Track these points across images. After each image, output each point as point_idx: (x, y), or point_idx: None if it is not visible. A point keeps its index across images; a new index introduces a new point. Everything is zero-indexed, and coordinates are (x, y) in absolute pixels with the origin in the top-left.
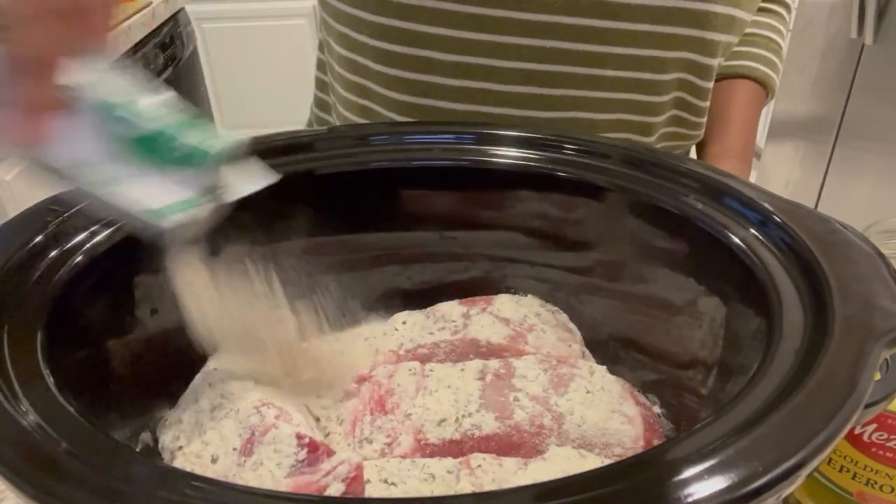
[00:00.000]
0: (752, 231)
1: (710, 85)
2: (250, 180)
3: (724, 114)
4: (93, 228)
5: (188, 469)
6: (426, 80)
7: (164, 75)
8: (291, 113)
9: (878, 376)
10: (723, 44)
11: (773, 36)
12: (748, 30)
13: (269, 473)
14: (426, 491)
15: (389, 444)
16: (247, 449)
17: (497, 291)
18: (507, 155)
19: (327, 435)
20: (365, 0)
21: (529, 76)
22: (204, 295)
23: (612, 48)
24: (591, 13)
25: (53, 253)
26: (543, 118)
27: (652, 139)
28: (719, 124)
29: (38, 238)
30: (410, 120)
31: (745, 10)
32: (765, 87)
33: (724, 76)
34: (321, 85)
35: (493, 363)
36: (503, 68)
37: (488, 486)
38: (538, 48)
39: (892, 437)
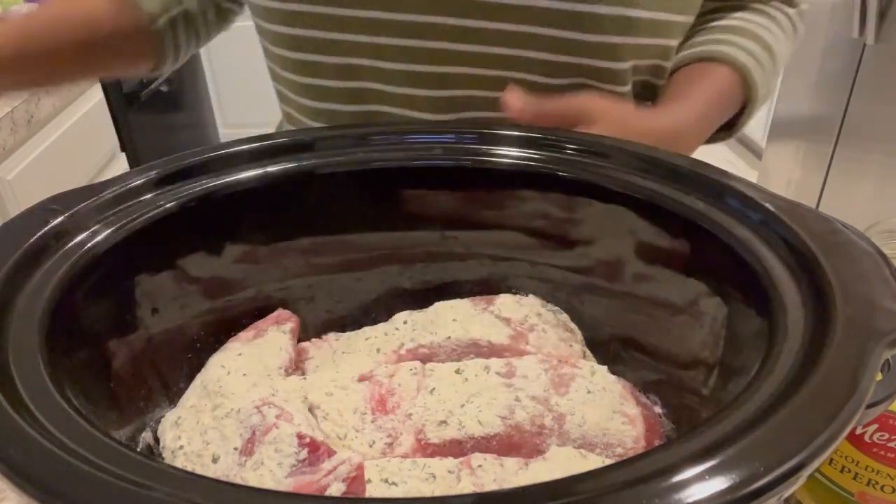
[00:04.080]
0: (754, 231)
1: (614, 88)
2: None
3: (680, 89)
4: (93, 228)
5: (189, 469)
6: (319, 83)
7: (166, 75)
8: None
9: (879, 377)
10: (626, 46)
11: (762, 34)
12: (732, 22)
13: (269, 473)
14: (427, 491)
15: (390, 444)
16: (248, 448)
17: (498, 291)
18: (509, 154)
19: (328, 435)
20: (256, 8)
21: (418, 78)
22: None
23: (492, 48)
24: (464, 13)
25: (53, 253)
26: (440, 120)
27: None
28: (670, 97)
29: (38, 238)
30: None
31: (653, 9)
32: (743, 78)
33: (692, 60)
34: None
35: (495, 363)
36: (388, 70)
37: (489, 486)
38: (420, 49)
39: (893, 437)
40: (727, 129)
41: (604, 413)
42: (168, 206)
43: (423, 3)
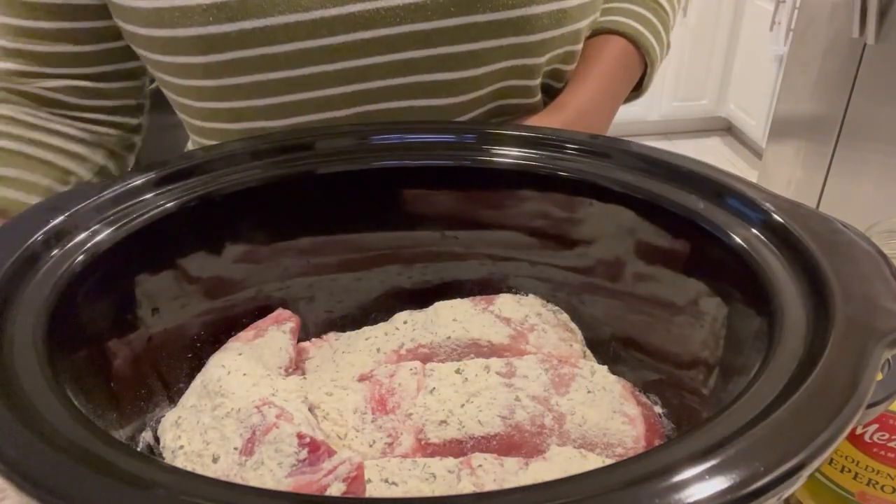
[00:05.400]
0: (754, 231)
1: (537, 81)
2: None
3: (579, 68)
4: (93, 228)
5: (189, 469)
6: None
7: None
8: None
9: (879, 377)
10: (556, 38)
11: None
12: None
13: (270, 473)
14: (427, 491)
15: (390, 444)
16: (248, 448)
17: (498, 291)
18: (509, 154)
19: (328, 434)
20: (184, 90)
21: (366, 118)
22: None
23: (443, 75)
24: (408, 46)
25: (53, 253)
26: None
27: None
28: (572, 79)
29: (39, 238)
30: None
31: None
32: (635, 44)
33: (595, 32)
34: None
35: (495, 363)
36: (336, 118)
37: (489, 486)
38: (366, 91)
39: (893, 437)
40: (635, 90)
41: (604, 413)
42: (168, 206)
43: (365, 46)
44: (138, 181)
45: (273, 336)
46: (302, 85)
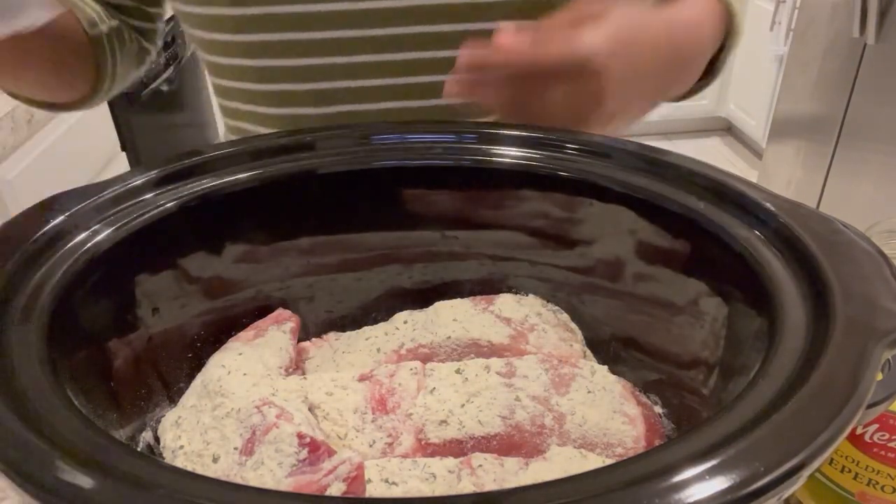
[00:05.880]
0: (754, 231)
1: None
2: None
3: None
4: (93, 228)
5: (189, 469)
6: (291, 112)
7: (166, 74)
8: None
9: (879, 377)
10: None
11: None
12: None
13: (270, 473)
14: (427, 491)
15: (391, 444)
16: (248, 448)
17: (498, 291)
18: (509, 154)
19: (328, 434)
20: (211, 45)
21: (392, 92)
22: None
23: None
24: (438, 19)
25: (54, 253)
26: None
27: None
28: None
29: (38, 238)
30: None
31: None
32: (723, 4)
33: None
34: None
35: (495, 363)
36: (364, 88)
37: (489, 486)
38: (394, 62)
39: (893, 437)
40: (706, 75)
41: (604, 413)
42: (168, 206)
43: (395, 14)
44: (138, 181)
45: (273, 336)
46: (330, 48)
